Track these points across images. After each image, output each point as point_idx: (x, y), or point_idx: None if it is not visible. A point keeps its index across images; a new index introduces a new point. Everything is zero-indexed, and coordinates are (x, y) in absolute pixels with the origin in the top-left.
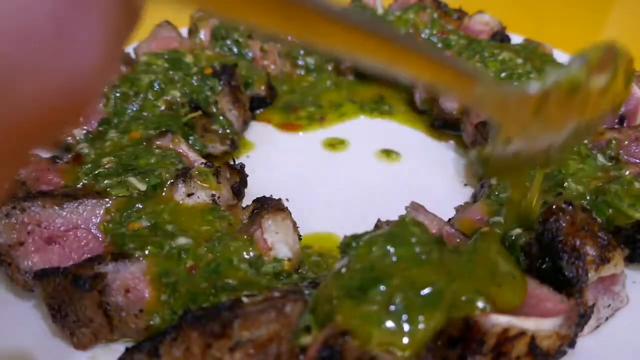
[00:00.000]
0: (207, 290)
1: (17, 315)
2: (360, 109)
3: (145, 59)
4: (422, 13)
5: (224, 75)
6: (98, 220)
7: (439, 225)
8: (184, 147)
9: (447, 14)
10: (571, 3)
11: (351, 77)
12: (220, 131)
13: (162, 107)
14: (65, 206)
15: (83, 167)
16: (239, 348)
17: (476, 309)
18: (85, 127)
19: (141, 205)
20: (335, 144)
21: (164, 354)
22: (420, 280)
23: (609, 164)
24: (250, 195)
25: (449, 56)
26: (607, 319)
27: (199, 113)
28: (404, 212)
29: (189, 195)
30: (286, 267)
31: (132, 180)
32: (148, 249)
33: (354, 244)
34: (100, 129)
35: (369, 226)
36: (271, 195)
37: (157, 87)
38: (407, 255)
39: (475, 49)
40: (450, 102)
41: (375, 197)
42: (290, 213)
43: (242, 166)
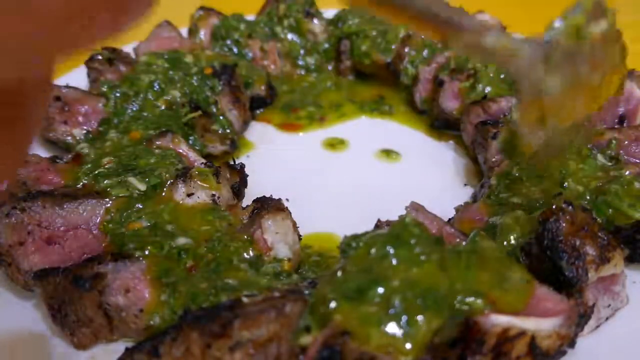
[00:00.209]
0: (207, 290)
1: (17, 315)
2: (360, 109)
3: (145, 59)
4: None
5: (224, 75)
6: (98, 220)
7: (439, 225)
8: (184, 147)
9: None
10: (571, 3)
11: (351, 77)
12: (220, 131)
13: (162, 107)
14: (65, 206)
15: (83, 167)
16: (239, 348)
17: (476, 309)
18: (85, 127)
19: (141, 205)
20: (335, 144)
21: (164, 354)
22: (420, 281)
23: (609, 164)
24: (250, 195)
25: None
26: (607, 319)
27: (199, 113)
28: (404, 212)
29: (189, 195)
30: (286, 267)
31: (132, 180)
32: (148, 249)
33: (353, 244)
34: (100, 129)
35: (369, 226)
36: (271, 195)
37: (157, 87)
38: (407, 256)
39: None
40: (450, 102)
41: (375, 197)
42: (290, 213)
43: (242, 166)
